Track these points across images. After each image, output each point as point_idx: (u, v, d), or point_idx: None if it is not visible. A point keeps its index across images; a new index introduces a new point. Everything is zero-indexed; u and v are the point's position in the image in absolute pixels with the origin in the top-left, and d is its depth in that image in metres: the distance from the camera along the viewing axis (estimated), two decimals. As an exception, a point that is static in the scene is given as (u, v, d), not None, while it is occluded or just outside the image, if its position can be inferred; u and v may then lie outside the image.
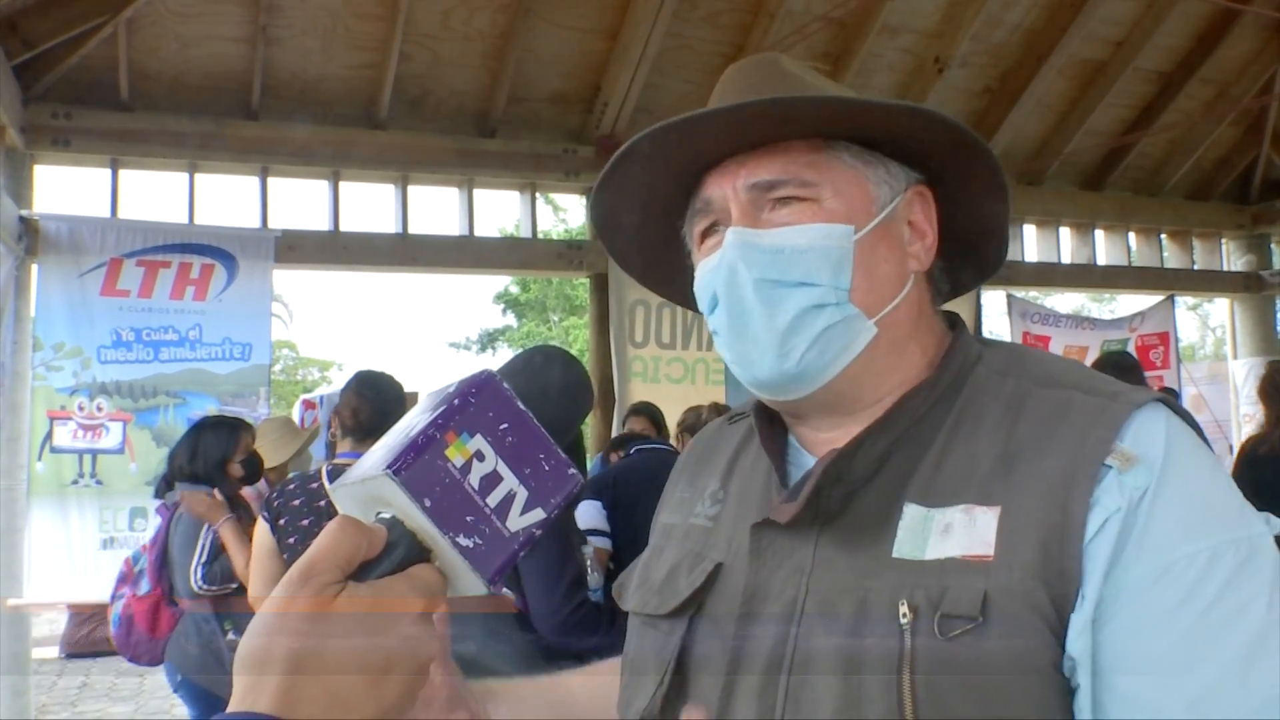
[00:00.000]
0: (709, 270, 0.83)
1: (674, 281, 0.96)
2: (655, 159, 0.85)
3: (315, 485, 2.73)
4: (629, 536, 2.99)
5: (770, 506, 0.80)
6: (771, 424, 0.88)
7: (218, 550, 3.35)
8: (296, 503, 2.71)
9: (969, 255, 0.90)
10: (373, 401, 2.78)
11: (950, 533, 0.72)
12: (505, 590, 2.18)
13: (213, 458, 3.56)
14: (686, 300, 0.92)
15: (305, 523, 2.69)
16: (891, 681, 0.68)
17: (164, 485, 3.62)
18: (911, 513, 0.74)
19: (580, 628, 2.26)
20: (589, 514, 3.04)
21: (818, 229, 0.79)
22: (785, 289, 0.78)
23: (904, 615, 0.69)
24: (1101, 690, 0.66)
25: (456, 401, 0.60)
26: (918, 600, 0.70)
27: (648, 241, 0.94)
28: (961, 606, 0.68)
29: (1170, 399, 0.75)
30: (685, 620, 0.83)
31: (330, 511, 2.68)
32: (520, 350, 1.97)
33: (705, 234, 0.86)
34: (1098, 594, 0.66)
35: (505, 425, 0.61)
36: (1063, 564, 0.67)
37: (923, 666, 0.68)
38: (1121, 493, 0.69)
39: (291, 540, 2.70)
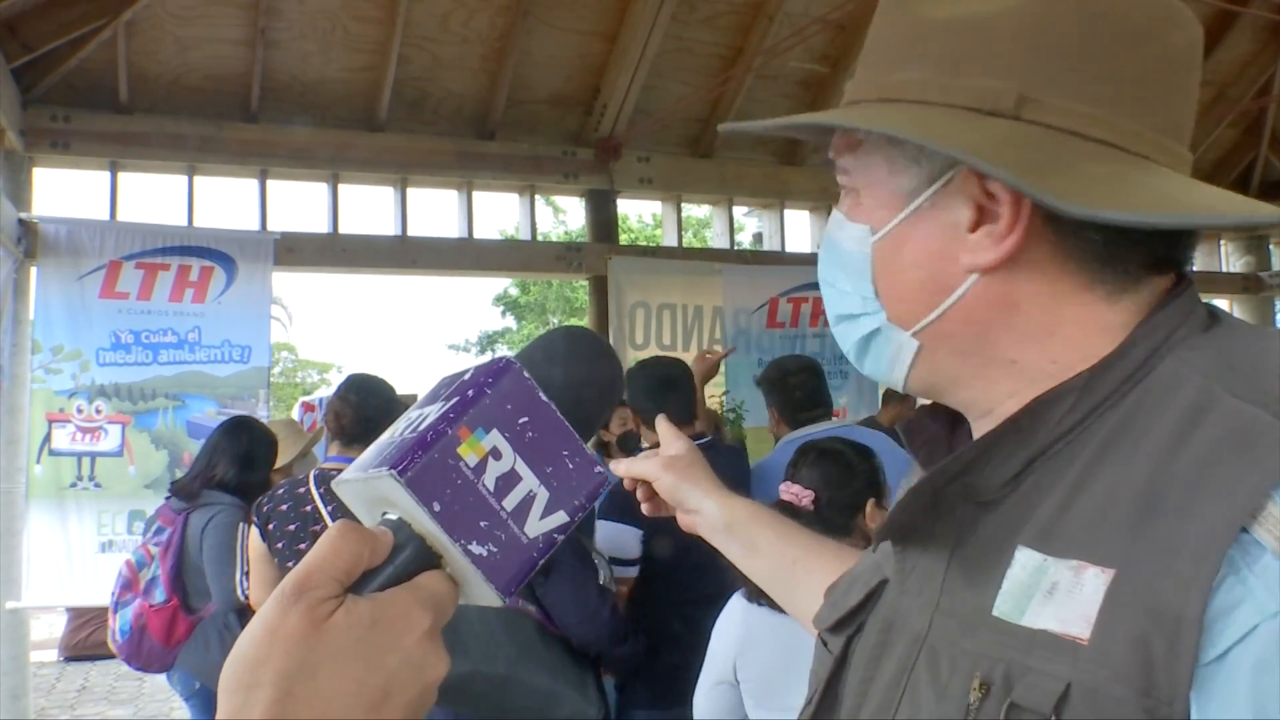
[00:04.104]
0: None
1: None
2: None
3: (302, 490, 2.74)
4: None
5: None
6: (946, 420, 0.73)
7: None
8: (284, 508, 2.72)
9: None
10: (356, 406, 2.78)
11: (1054, 596, 0.54)
12: (520, 601, 2.15)
13: (265, 472, 3.44)
14: None
15: (292, 528, 2.70)
16: None
17: (191, 490, 3.39)
18: (1023, 560, 0.57)
19: (616, 630, 2.22)
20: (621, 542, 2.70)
21: (849, 229, 0.68)
22: (829, 290, 0.71)
23: (974, 692, 0.56)
24: None
25: (471, 393, 0.54)
26: (995, 677, 0.55)
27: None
28: (1034, 698, 0.53)
29: None
30: (844, 638, 0.73)
31: (315, 517, 2.68)
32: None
33: None
34: None
35: (525, 419, 0.54)
36: (1172, 678, 0.48)
37: None
38: None
39: (280, 545, 2.70)
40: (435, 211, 6.24)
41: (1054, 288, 0.62)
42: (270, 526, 2.74)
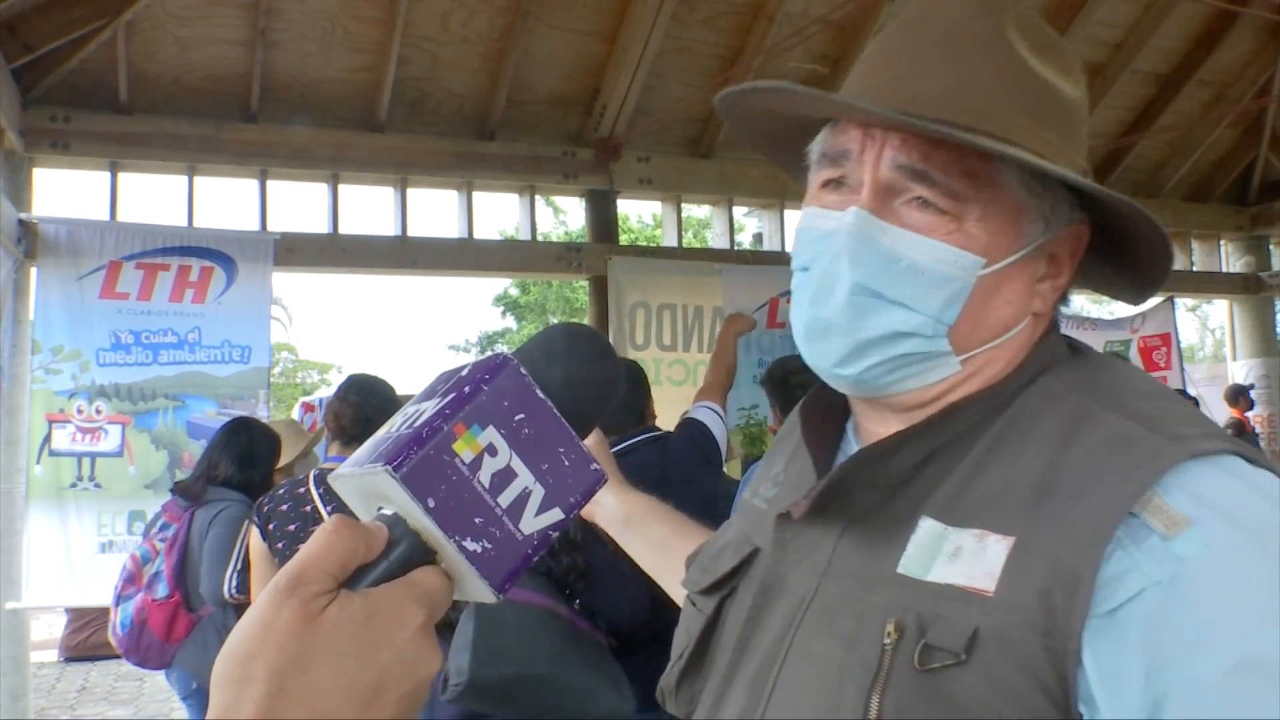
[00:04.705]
0: (813, 236, 0.74)
1: (779, 149, 0.84)
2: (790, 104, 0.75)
3: (302, 490, 2.75)
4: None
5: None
6: (829, 406, 0.83)
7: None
8: (284, 508, 2.73)
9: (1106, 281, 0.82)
10: (356, 406, 2.79)
11: (958, 557, 0.65)
12: (550, 601, 2.14)
13: (267, 469, 3.53)
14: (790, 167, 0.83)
15: (292, 528, 2.71)
16: (861, 701, 0.64)
17: (195, 491, 3.43)
18: (926, 527, 0.68)
19: (654, 608, 2.21)
20: None
21: (947, 251, 0.69)
22: (882, 304, 0.71)
23: (888, 635, 0.65)
24: None
25: (467, 389, 0.54)
26: (907, 622, 0.65)
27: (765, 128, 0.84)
28: (946, 639, 0.62)
29: (1249, 450, 0.65)
30: (716, 600, 0.81)
31: (316, 517, 2.69)
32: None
33: (828, 183, 0.75)
34: (1145, 675, 0.57)
35: (522, 416, 0.55)
36: (1068, 623, 0.59)
37: (895, 692, 0.63)
38: (1165, 562, 0.58)
39: (280, 545, 2.71)
40: (435, 212, 6.24)
41: (1046, 327, 0.77)
42: (271, 526, 2.74)
